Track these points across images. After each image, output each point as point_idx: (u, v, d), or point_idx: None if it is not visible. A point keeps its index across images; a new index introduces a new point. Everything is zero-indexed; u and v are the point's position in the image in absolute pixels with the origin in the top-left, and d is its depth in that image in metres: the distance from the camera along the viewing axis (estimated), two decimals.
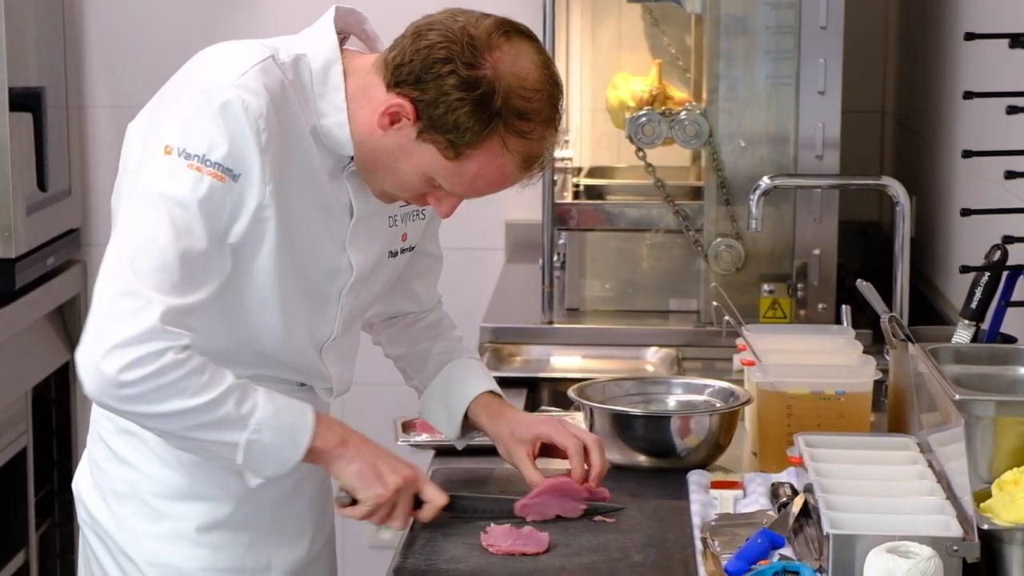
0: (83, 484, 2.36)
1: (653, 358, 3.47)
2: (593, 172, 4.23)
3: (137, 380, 2.01)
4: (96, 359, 2.01)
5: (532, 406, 3.18)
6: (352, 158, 2.21)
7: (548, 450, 2.44)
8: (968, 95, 2.52)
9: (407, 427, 2.79)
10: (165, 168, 2.06)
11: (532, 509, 2.35)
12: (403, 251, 2.37)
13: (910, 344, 2.48)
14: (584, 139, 4.41)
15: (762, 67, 3.46)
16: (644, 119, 3.49)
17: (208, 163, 2.05)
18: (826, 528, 2.06)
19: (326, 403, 2.42)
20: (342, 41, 2.22)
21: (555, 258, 3.73)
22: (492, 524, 2.27)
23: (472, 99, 2.07)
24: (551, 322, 3.58)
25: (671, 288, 3.64)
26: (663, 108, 3.56)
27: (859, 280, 2.67)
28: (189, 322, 2.06)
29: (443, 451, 2.70)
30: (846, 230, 3.64)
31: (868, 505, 2.15)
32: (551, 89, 2.14)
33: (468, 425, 2.51)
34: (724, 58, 3.47)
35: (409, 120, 2.11)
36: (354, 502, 2.24)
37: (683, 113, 3.49)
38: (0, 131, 3.76)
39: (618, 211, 3.68)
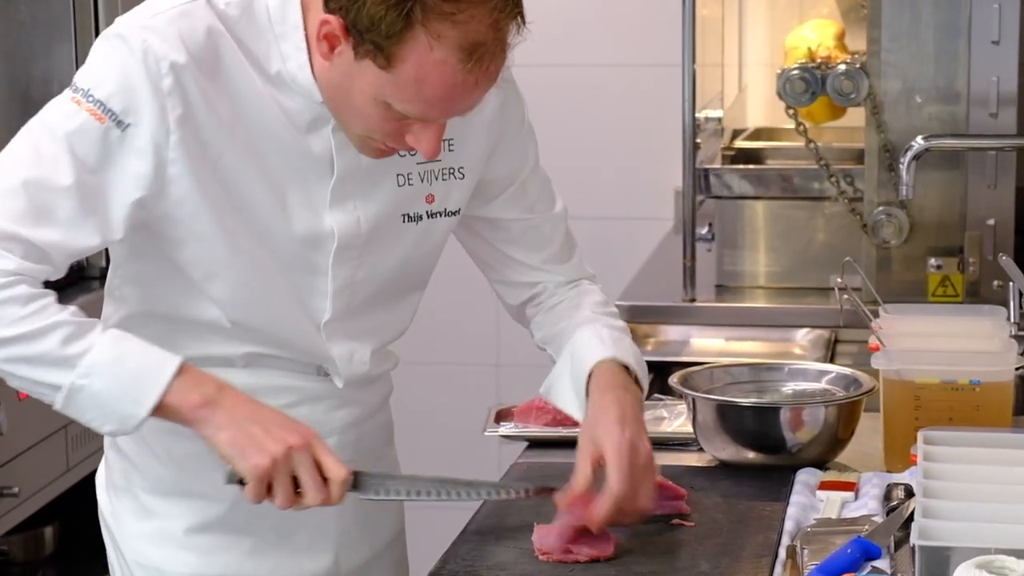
0: (98, 476, 2.31)
1: (803, 340, 3.33)
2: (760, 134, 4.08)
3: None
4: None
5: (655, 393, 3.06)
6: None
7: None
8: None
9: (502, 416, 2.69)
10: (55, 99, 2.01)
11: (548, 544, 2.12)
12: (432, 215, 2.19)
13: None
14: (757, 97, 4.26)
15: (929, 14, 3.28)
16: (795, 73, 3.35)
17: (90, 98, 1.98)
18: (913, 538, 1.92)
19: (347, 392, 2.24)
20: None
21: (706, 229, 3.61)
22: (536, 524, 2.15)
23: None
24: (693, 300, 3.46)
25: (833, 263, 3.48)
26: (819, 61, 3.41)
27: (1000, 255, 2.51)
28: (40, 257, 1.96)
29: (536, 443, 2.60)
30: None
31: (974, 512, 2.00)
32: None
33: None
34: (887, 4, 3.30)
35: (341, 37, 1.94)
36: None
37: (840, 67, 3.33)
38: None
39: (772, 177, 3.55)
